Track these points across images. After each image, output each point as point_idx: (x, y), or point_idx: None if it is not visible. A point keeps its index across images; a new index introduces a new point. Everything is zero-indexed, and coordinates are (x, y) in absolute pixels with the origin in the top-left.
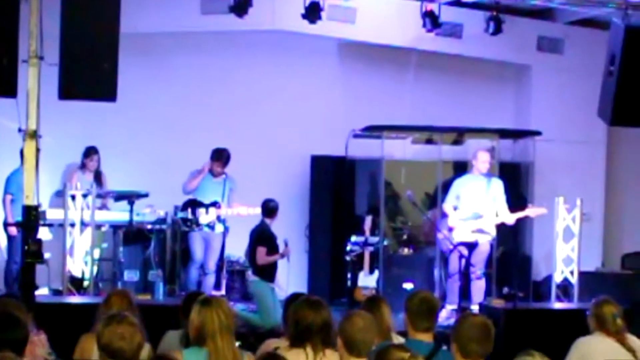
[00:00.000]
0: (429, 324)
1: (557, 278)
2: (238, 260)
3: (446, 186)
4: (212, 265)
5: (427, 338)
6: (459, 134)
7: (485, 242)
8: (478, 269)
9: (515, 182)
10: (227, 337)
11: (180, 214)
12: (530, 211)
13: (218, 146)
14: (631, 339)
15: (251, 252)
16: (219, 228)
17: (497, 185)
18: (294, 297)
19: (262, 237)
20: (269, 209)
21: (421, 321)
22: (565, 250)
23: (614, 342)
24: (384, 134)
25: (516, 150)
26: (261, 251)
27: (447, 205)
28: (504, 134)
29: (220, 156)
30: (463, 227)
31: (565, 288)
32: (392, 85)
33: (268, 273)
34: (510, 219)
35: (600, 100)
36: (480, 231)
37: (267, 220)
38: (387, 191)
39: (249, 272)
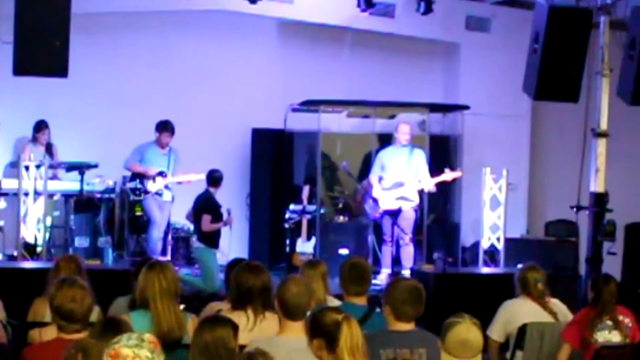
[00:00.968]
0: (361, 288)
1: (484, 244)
2: (183, 227)
3: None
4: (160, 231)
5: (361, 301)
6: (391, 108)
7: (409, 208)
8: (406, 235)
9: (445, 153)
10: (170, 300)
11: (130, 184)
12: (446, 175)
13: (161, 119)
14: (553, 302)
15: (196, 219)
16: (167, 197)
17: (419, 155)
18: (235, 262)
19: (207, 205)
20: (214, 178)
21: (354, 285)
22: (491, 218)
23: (537, 305)
24: (321, 108)
25: (445, 124)
26: (206, 219)
27: (373, 177)
28: (434, 108)
29: (167, 127)
30: (387, 196)
31: (491, 254)
32: (328, 62)
33: (212, 240)
34: (430, 184)
35: (525, 76)
36: (404, 198)
37: (212, 190)
38: (324, 162)
39: (194, 239)
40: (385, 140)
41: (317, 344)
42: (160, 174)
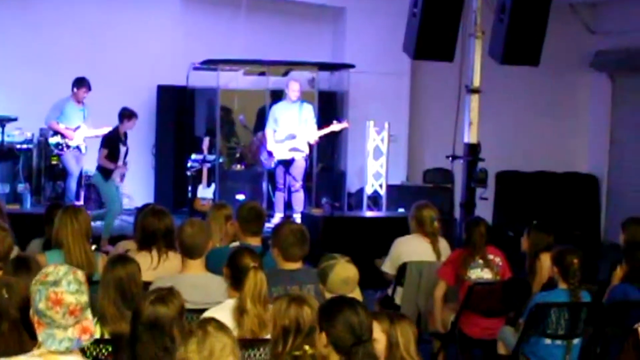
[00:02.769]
0: (257, 229)
1: (368, 190)
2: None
3: None
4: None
5: (256, 242)
6: (283, 67)
7: (300, 158)
8: (297, 182)
9: (332, 108)
10: (81, 240)
11: (52, 139)
12: (334, 126)
13: (77, 76)
14: (441, 242)
15: (98, 150)
16: (83, 148)
17: (308, 109)
18: (143, 207)
19: (109, 140)
20: (119, 114)
21: (250, 226)
22: (375, 167)
23: (427, 243)
24: (220, 66)
25: (333, 81)
26: (103, 152)
27: (268, 130)
28: (322, 66)
29: (84, 83)
30: (280, 148)
31: (375, 199)
32: (227, 24)
33: (105, 172)
34: (319, 135)
35: (405, 37)
36: (295, 149)
37: (120, 126)
38: (222, 116)
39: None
40: (278, 96)
41: (226, 272)
42: (77, 128)
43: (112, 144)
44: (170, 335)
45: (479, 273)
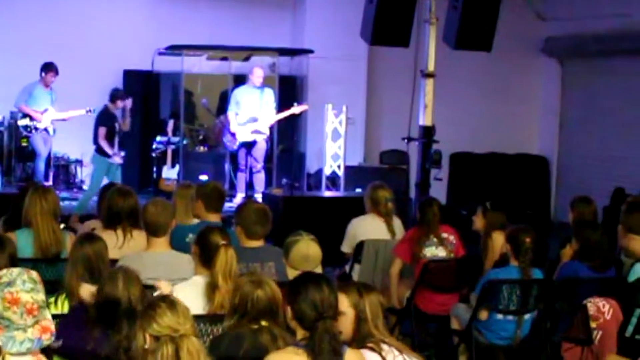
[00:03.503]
0: (218, 206)
1: (327, 171)
2: (63, 156)
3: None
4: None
5: (216, 219)
6: (245, 52)
7: (261, 140)
8: (258, 163)
9: (292, 92)
10: (50, 219)
11: (21, 122)
12: (294, 109)
13: (45, 61)
14: (396, 221)
15: (95, 130)
16: (51, 130)
17: (269, 93)
18: (108, 187)
19: (103, 117)
20: (109, 95)
21: (212, 204)
22: (333, 148)
23: (382, 222)
24: (184, 52)
25: (293, 66)
26: (101, 131)
27: (231, 113)
28: (283, 52)
29: (52, 68)
30: (242, 130)
31: (333, 179)
32: (191, 10)
33: (104, 154)
34: (279, 117)
35: (362, 23)
36: (257, 132)
37: (109, 105)
38: (186, 99)
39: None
40: (240, 80)
41: (195, 250)
42: (45, 111)
43: (108, 122)
44: (129, 314)
45: (434, 251)
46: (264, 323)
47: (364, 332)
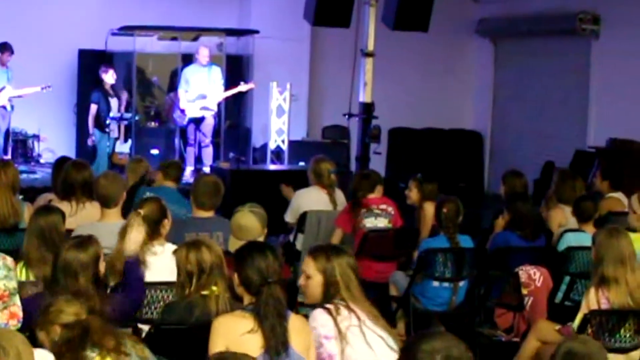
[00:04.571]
0: (177, 175)
1: (272, 145)
2: (21, 131)
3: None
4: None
5: (174, 185)
6: (194, 32)
7: (209, 116)
8: (207, 138)
9: (239, 70)
10: (8, 192)
11: None
12: (241, 87)
13: (1, 41)
14: (338, 193)
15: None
16: (8, 107)
17: (216, 71)
18: (62, 160)
19: (95, 95)
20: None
21: (171, 172)
22: (277, 124)
23: (325, 194)
24: (136, 32)
25: (239, 45)
26: (92, 108)
27: (180, 90)
28: (229, 32)
29: (7, 47)
30: (191, 107)
31: (278, 153)
32: None
33: (100, 125)
34: (227, 94)
35: (305, 5)
36: (205, 108)
37: (103, 80)
38: (139, 78)
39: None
40: (189, 59)
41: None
42: (2, 89)
43: (100, 98)
44: (86, 278)
45: (374, 221)
46: (214, 288)
47: (332, 295)
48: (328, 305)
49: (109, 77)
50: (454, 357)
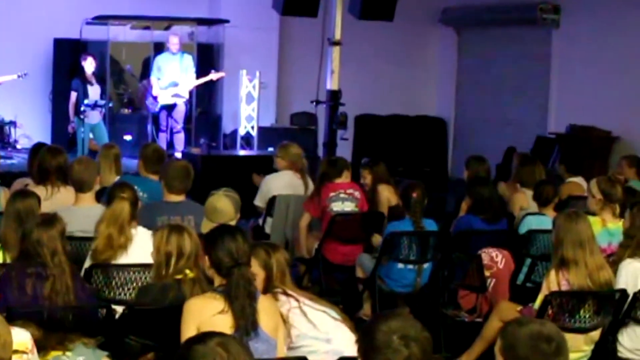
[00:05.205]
0: (157, 167)
1: (242, 132)
2: None
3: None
4: None
5: (155, 177)
6: (166, 22)
7: (181, 103)
8: (178, 124)
9: (210, 59)
10: None
11: None
12: (212, 75)
13: None
14: (306, 177)
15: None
16: None
17: (188, 59)
18: (38, 146)
19: (74, 83)
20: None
21: (153, 165)
22: (247, 111)
23: (298, 178)
24: (110, 21)
25: (210, 34)
26: (72, 96)
27: (153, 78)
28: (200, 21)
29: None
30: (164, 94)
31: (247, 139)
32: None
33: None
34: (198, 82)
35: None
36: (177, 95)
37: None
38: (112, 66)
39: None
40: (161, 47)
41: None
42: None
43: (79, 85)
44: (52, 252)
45: (341, 205)
46: (188, 272)
47: (270, 286)
48: (267, 295)
49: (88, 65)
50: (410, 337)
